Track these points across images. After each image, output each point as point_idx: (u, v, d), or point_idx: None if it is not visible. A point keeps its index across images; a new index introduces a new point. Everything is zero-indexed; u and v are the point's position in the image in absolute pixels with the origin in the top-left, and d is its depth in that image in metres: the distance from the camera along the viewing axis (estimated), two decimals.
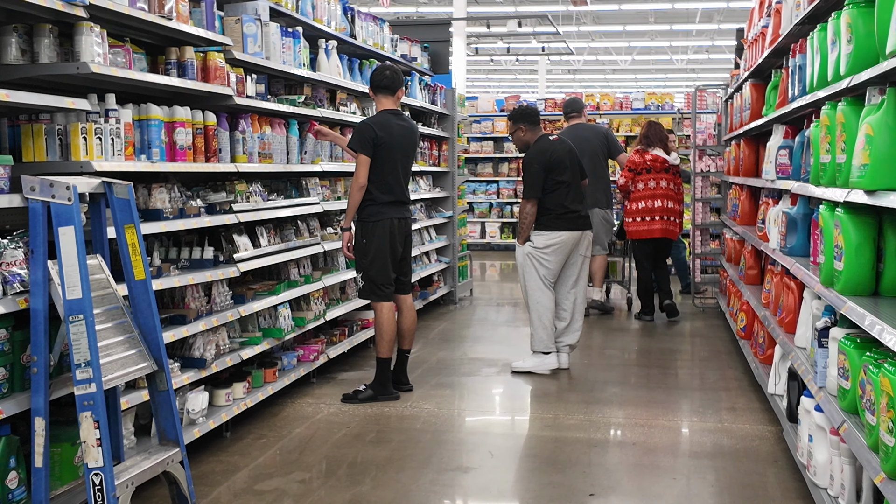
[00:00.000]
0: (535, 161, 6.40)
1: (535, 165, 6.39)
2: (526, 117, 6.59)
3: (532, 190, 6.38)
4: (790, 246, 4.73)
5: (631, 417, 5.34)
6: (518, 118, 6.60)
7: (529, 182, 6.40)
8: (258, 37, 5.17)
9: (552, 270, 6.46)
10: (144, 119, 4.16)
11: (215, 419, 4.59)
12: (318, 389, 5.90)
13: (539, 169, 6.37)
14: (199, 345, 4.53)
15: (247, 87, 5.10)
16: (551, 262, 6.44)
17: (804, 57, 4.37)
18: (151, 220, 4.16)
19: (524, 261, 6.49)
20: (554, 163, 6.40)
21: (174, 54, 4.44)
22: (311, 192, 6.12)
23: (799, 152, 4.67)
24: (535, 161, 6.40)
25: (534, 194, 6.37)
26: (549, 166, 6.38)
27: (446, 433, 5.03)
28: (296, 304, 5.87)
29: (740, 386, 6.05)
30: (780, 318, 4.95)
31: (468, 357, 7.04)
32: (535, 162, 6.40)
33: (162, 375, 3.61)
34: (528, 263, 6.47)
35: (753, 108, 6.49)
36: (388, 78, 5.74)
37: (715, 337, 7.79)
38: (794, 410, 4.40)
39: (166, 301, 4.54)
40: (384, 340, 5.65)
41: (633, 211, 8.43)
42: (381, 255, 5.59)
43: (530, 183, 6.39)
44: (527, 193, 6.43)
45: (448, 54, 9.99)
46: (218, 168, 4.74)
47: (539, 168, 6.37)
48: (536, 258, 6.43)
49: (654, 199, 8.35)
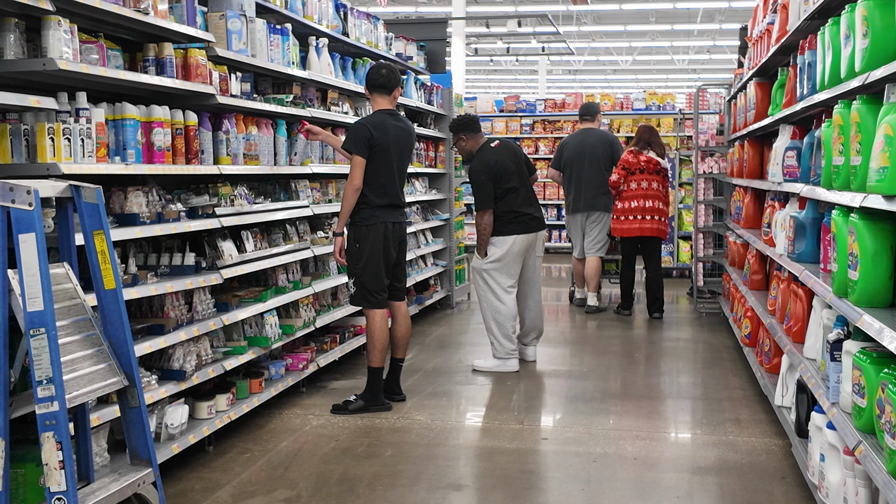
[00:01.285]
0: (481, 173, 6.50)
1: (483, 177, 6.49)
2: (464, 127, 6.68)
3: (485, 201, 6.47)
4: (798, 252, 4.52)
5: (632, 429, 5.13)
6: (458, 129, 6.71)
7: (480, 194, 6.50)
8: (243, 33, 4.96)
9: (513, 276, 6.55)
10: (119, 119, 3.95)
11: (196, 433, 4.38)
12: (307, 399, 5.69)
13: (486, 180, 6.47)
14: (179, 356, 4.31)
15: (231, 86, 4.88)
16: (510, 268, 6.52)
17: (814, 53, 4.16)
18: (127, 226, 3.96)
19: (480, 273, 6.57)
20: (499, 172, 6.49)
21: (152, 51, 4.23)
22: (301, 195, 5.91)
23: (808, 154, 4.46)
24: (481, 173, 6.50)
25: (488, 205, 6.47)
26: (496, 176, 6.48)
27: (439, 447, 4.82)
28: (284, 311, 5.66)
29: (745, 396, 5.83)
30: (788, 327, 4.74)
31: (464, 364, 6.83)
32: (482, 173, 6.49)
33: (133, 391, 3.39)
34: (485, 275, 6.55)
35: (758, 107, 6.28)
36: (384, 77, 5.53)
37: (718, 343, 7.58)
38: (803, 425, 4.19)
39: (144, 310, 4.33)
40: (376, 349, 5.44)
41: (624, 210, 8.57)
42: (374, 260, 5.38)
43: (481, 195, 6.49)
44: (480, 205, 6.50)
45: (445, 53, 9.77)
46: (199, 170, 4.53)
47: (486, 179, 6.47)
48: (494, 269, 6.51)
49: (646, 199, 8.50)
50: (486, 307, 6.58)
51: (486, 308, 6.57)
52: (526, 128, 15.61)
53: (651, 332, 8.19)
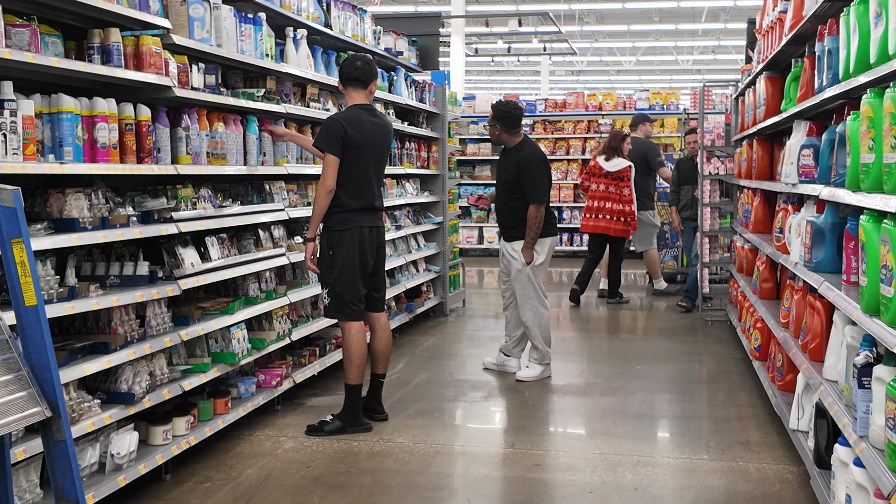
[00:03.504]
0: (541, 162, 6.24)
1: (542, 168, 6.22)
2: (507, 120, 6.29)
3: (544, 193, 6.18)
4: (816, 260, 4.08)
5: (632, 454, 4.68)
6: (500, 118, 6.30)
7: (540, 185, 6.16)
8: (206, 20, 4.53)
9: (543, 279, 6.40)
10: (55, 112, 3.52)
11: (148, 462, 3.94)
12: (281, 419, 5.26)
13: (543, 172, 6.22)
14: (128, 376, 3.88)
15: (192, 78, 4.45)
16: (544, 270, 6.40)
17: (835, 39, 3.72)
18: (64, 232, 3.53)
19: (528, 274, 6.23)
20: (548, 169, 6.35)
21: (97, 37, 3.81)
22: (276, 198, 5.48)
23: (827, 152, 4.02)
24: (541, 162, 6.24)
25: (545, 197, 6.19)
26: (548, 172, 6.30)
27: (420, 474, 4.38)
28: (256, 323, 5.23)
29: (755, 414, 5.39)
30: (804, 343, 4.30)
31: (454, 378, 6.39)
32: (542, 163, 6.25)
33: (59, 422, 2.95)
34: (533, 279, 6.25)
35: (769, 103, 5.84)
36: (358, 69, 5.10)
37: (724, 354, 7.14)
38: (823, 455, 3.75)
39: (90, 325, 3.90)
40: (353, 365, 5.01)
41: (585, 208, 9.70)
42: (349, 268, 4.95)
43: (541, 186, 6.17)
44: (539, 197, 6.14)
45: (438, 49, 9.32)
46: (154, 170, 4.09)
47: (544, 171, 6.22)
48: (541, 272, 6.29)
49: (599, 199, 9.46)
50: (530, 313, 6.25)
51: (531, 313, 6.24)
52: (526, 128, 15.11)
53: (654, 342, 7.74)
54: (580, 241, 14.52)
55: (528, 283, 6.22)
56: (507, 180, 6.26)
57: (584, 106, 15.02)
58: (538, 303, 6.25)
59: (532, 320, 6.24)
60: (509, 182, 6.25)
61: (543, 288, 6.32)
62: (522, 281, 6.23)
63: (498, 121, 6.27)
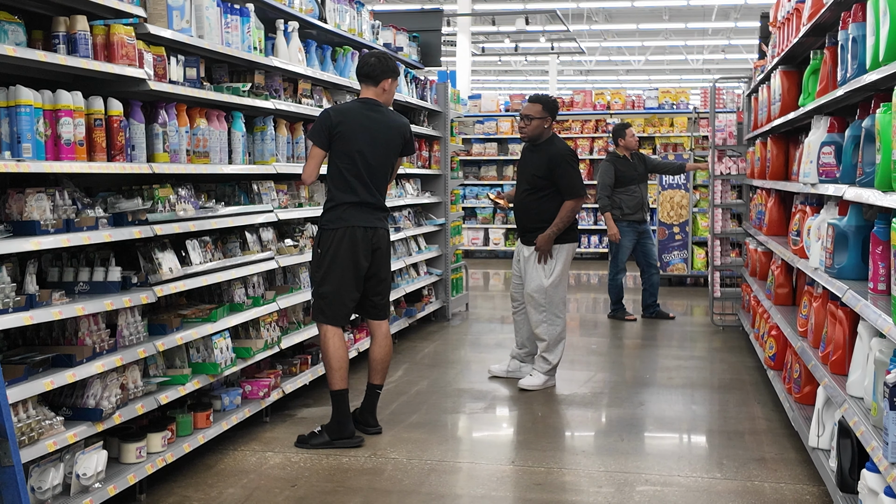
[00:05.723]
0: (574, 159, 6.11)
1: (576, 163, 6.11)
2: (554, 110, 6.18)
3: (582, 188, 6.05)
4: (839, 266, 3.78)
5: (640, 471, 4.39)
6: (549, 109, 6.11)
7: (578, 179, 6.03)
8: (186, 10, 4.25)
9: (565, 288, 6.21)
10: (13, 106, 3.25)
11: (118, 483, 3.66)
12: (269, 432, 4.98)
13: (576, 167, 6.09)
14: (96, 391, 3.60)
15: (170, 71, 4.18)
16: (564, 280, 6.14)
17: (861, 26, 3.42)
18: (22, 236, 3.26)
19: (562, 273, 6.02)
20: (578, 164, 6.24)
21: (63, 25, 3.54)
22: (264, 199, 5.20)
23: (850, 149, 3.72)
24: (574, 159, 6.11)
25: (583, 192, 6.07)
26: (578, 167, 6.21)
27: (412, 495, 4.09)
28: (243, 330, 4.96)
29: (770, 428, 5.09)
30: (824, 355, 4.01)
31: (453, 387, 6.10)
32: (575, 159, 6.14)
33: (5, 446, 2.69)
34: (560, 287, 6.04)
35: (785, 99, 5.54)
36: (369, 65, 4.83)
37: (737, 362, 6.84)
38: (847, 478, 3.46)
39: (56, 336, 3.63)
40: (332, 369, 4.73)
41: None
42: (336, 269, 4.67)
43: (579, 180, 6.04)
44: (577, 191, 5.99)
45: (440, 45, 9.03)
46: (125, 169, 3.82)
47: (576, 166, 6.10)
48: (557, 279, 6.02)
49: None
50: (545, 325, 5.98)
51: (546, 326, 5.98)
52: None
53: (664, 349, 7.45)
54: (587, 243, 14.25)
55: (544, 293, 5.95)
56: (534, 176, 5.98)
57: (591, 105, 14.73)
58: (554, 314, 5.97)
59: (546, 332, 5.97)
60: (536, 178, 5.97)
61: (564, 297, 6.07)
62: (539, 289, 5.96)
63: (549, 112, 6.07)
